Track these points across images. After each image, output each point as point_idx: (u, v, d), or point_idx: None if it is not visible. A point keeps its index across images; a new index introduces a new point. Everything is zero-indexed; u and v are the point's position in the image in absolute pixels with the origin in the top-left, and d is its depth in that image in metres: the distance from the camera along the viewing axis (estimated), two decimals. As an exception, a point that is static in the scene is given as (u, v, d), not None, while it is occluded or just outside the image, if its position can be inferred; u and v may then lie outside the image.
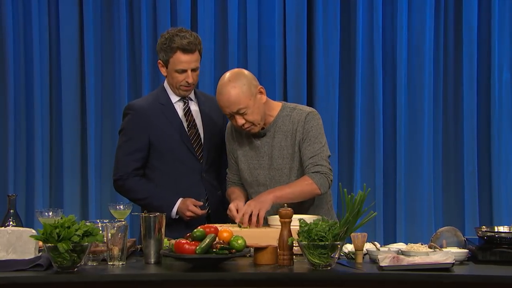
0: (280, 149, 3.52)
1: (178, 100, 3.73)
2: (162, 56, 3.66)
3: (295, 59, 5.30)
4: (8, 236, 2.94)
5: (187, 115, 3.72)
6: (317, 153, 3.47)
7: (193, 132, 3.71)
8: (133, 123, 3.67)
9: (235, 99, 3.39)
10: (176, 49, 3.62)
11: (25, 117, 5.29)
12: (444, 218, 5.30)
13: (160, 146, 3.66)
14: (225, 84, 3.42)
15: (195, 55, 3.66)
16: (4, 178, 5.25)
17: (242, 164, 3.59)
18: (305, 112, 3.53)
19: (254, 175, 3.57)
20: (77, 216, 3.25)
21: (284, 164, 3.52)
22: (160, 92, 3.75)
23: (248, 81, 3.44)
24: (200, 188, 3.70)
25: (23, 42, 5.28)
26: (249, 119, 3.44)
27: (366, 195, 2.91)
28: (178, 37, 3.62)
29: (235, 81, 3.42)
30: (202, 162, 3.70)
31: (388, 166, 5.31)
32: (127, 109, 3.74)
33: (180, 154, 3.67)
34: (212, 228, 2.98)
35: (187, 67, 3.64)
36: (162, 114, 3.68)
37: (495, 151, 5.28)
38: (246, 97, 3.41)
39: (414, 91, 5.31)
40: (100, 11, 5.31)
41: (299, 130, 3.50)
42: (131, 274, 2.84)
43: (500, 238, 3.08)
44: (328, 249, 2.83)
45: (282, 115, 3.54)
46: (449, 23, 5.35)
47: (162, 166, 3.67)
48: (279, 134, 3.53)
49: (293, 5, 5.29)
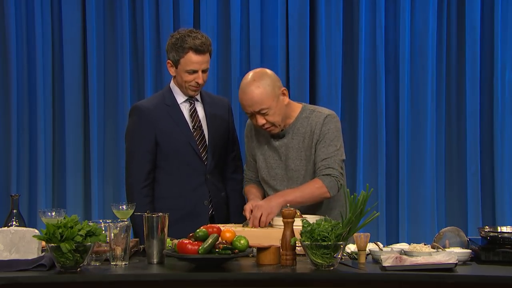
0: (297, 151, 3.54)
1: (184, 101, 3.73)
2: (173, 55, 3.65)
3: (298, 59, 5.29)
4: (11, 236, 2.94)
5: (193, 116, 3.73)
6: (330, 156, 3.48)
7: (198, 133, 3.71)
8: (140, 125, 3.67)
9: (259, 99, 3.40)
10: (189, 49, 3.62)
11: (28, 117, 5.29)
12: (447, 218, 5.29)
13: (165, 147, 3.66)
14: (250, 83, 3.43)
15: (206, 56, 3.66)
16: (7, 178, 5.25)
17: (260, 162, 3.61)
18: (323, 115, 3.55)
19: (271, 174, 3.59)
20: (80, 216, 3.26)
21: (301, 165, 3.54)
22: (166, 93, 3.75)
23: (272, 81, 3.44)
24: (204, 190, 3.71)
25: (26, 43, 5.29)
26: (270, 120, 3.45)
27: (369, 195, 2.91)
28: (190, 38, 3.62)
29: (260, 80, 3.42)
30: (207, 163, 3.71)
31: (391, 166, 5.31)
32: (133, 111, 3.74)
33: (185, 155, 3.68)
34: (214, 228, 2.99)
35: (198, 67, 3.64)
36: (168, 115, 3.69)
37: (498, 151, 5.27)
38: (269, 98, 3.41)
39: (417, 91, 5.30)
40: (103, 12, 5.32)
41: (316, 132, 3.52)
42: (134, 274, 2.84)
43: (503, 239, 3.07)
44: (331, 249, 2.83)
45: (301, 117, 3.56)
46: (452, 23, 5.34)
47: (167, 167, 3.67)
48: (297, 136, 3.55)
49: (296, 5, 5.28)
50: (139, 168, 3.66)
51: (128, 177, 3.69)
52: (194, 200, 3.69)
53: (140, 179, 3.64)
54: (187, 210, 3.66)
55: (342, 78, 5.31)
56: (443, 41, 5.32)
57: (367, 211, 2.91)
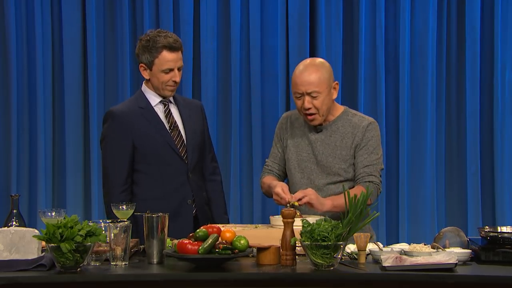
0: (333, 149, 3.58)
1: (158, 103, 3.71)
2: (146, 58, 3.64)
3: (298, 59, 5.26)
4: (11, 236, 2.94)
5: (168, 118, 3.71)
6: (372, 164, 3.55)
7: (175, 133, 3.70)
8: (116, 129, 3.65)
9: (315, 80, 3.49)
10: (162, 48, 3.61)
11: (28, 117, 5.30)
12: (447, 218, 5.29)
13: (144, 149, 3.64)
14: (310, 64, 3.53)
15: (180, 53, 3.67)
16: (7, 178, 5.26)
17: (291, 154, 3.65)
18: (367, 121, 3.62)
19: (301, 167, 3.63)
20: (80, 216, 3.26)
21: (334, 163, 3.58)
22: (139, 97, 3.73)
23: (330, 72, 3.56)
24: (187, 189, 3.70)
25: (26, 42, 5.29)
26: (317, 105, 3.51)
27: (369, 195, 2.92)
28: (161, 37, 3.63)
29: (320, 66, 3.54)
30: (188, 162, 3.70)
31: (390, 166, 5.31)
32: (107, 116, 3.71)
33: (165, 156, 3.66)
34: (214, 228, 2.99)
35: (173, 65, 3.64)
36: (143, 117, 3.66)
37: (498, 151, 5.27)
38: (324, 84, 3.51)
39: (417, 91, 5.30)
40: (103, 11, 5.32)
41: (358, 135, 3.57)
42: (134, 274, 2.84)
43: (503, 239, 3.07)
44: (331, 249, 2.83)
45: (343, 118, 3.63)
46: (452, 23, 5.34)
47: (147, 169, 3.65)
48: (337, 134, 3.60)
49: (296, 5, 5.28)
50: (117, 174, 3.63)
51: (106, 183, 3.67)
52: (177, 200, 3.68)
53: (118, 184, 3.62)
54: (170, 211, 3.63)
55: (342, 78, 5.32)
56: (443, 41, 5.32)
57: (367, 211, 2.91)
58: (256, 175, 5.20)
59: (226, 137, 5.32)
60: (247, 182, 5.32)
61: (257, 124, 5.30)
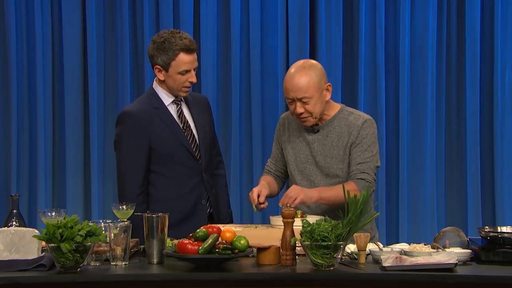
0: (330, 148, 3.57)
1: (171, 103, 3.69)
2: (162, 60, 3.59)
3: (298, 59, 5.20)
4: (11, 236, 2.94)
5: (181, 117, 3.69)
6: (366, 161, 3.54)
7: (188, 133, 3.68)
8: (132, 130, 3.60)
9: (304, 86, 3.45)
10: (179, 51, 3.57)
11: (28, 117, 5.30)
12: (447, 218, 5.29)
13: (159, 150, 3.61)
14: (299, 69, 3.49)
15: (195, 54, 3.64)
16: (7, 178, 5.26)
17: (289, 156, 3.65)
18: (363, 118, 3.60)
19: (300, 168, 3.62)
20: (80, 216, 3.26)
21: (332, 163, 3.57)
22: (151, 96, 3.68)
23: (321, 74, 3.50)
24: (201, 189, 3.69)
25: (26, 43, 5.29)
26: (309, 109, 3.49)
27: (369, 195, 2.92)
28: (177, 38, 3.58)
29: (309, 69, 3.48)
30: (201, 162, 3.69)
31: (390, 166, 5.31)
32: (123, 116, 3.64)
33: (180, 157, 3.64)
34: (214, 228, 2.99)
35: (190, 67, 3.61)
36: (158, 118, 3.63)
37: (498, 151, 5.27)
38: (314, 88, 3.47)
39: (417, 91, 5.30)
40: (103, 12, 5.32)
41: (354, 134, 3.55)
42: (133, 274, 2.84)
43: (503, 239, 3.07)
44: (331, 249, 2.83)
45: (338, 117, 3.60)
46: (452, 23, 5.34)
47: (162, 170, 3.63)
48: (333, 134, 3.58)
49: (296, 5, 5.28)
50: (134, 177, 3.59)
51: (122, 187, 3.62)
52: (192, 200, 3.67)
53: (135, 187, 3.59)
54: (185, 211, 3.65)
55: (342, 78, 5.32)
56: (443, 41, 5.32)
57: (367, 211, 2.91)
58: (256, 175, 5.20)
59: (226, 137, 5.32)
60: (247, 182, 5.32)
61: (257, 124, 5.30)
